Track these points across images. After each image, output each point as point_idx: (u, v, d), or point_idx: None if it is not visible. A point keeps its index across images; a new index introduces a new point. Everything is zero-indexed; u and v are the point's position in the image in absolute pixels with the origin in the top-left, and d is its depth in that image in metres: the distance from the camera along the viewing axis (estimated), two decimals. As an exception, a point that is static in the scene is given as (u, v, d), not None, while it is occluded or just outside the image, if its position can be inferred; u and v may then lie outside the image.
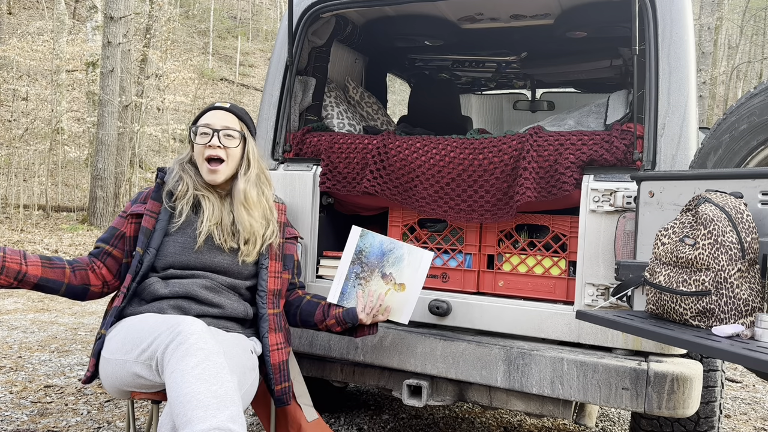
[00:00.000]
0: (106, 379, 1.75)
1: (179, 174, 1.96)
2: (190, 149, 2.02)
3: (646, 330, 1.42)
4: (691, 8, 2.16)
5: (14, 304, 5.86)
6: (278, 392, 1.90)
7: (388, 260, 2.01)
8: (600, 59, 3.39)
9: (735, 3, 22.61)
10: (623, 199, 2.00)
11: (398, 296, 2.00)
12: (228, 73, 24.80)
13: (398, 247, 2.02)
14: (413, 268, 2.00)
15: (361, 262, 2.03)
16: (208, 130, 1.92)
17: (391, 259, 2.01)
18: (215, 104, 2.02)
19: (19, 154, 13.69)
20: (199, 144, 1.93)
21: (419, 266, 2.00)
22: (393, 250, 2.02)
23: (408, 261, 2.00)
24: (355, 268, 2.02)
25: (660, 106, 2.07)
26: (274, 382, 1.89)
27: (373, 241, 2.03)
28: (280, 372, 1.90)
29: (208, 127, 1.93)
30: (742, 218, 1.39)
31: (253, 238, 1.93)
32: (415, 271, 2.00)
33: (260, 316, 1.94)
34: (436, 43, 3.22)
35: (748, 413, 3.61)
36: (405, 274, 2.00)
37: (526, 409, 2.12)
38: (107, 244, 1.94)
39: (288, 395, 1.92)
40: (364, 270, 2.02)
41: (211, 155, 1.91)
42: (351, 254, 2.03)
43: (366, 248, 2.03)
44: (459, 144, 2.28)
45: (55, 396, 3.28)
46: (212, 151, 1.91)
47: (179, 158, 2.03)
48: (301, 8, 2.59)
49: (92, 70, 14.51)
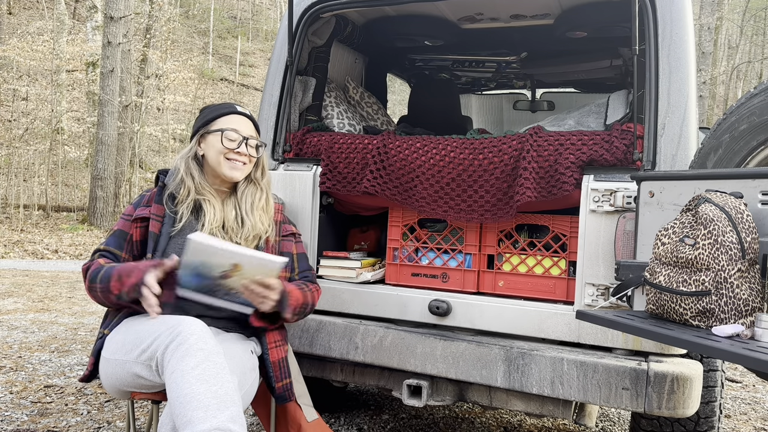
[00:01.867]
0: (107, 379, 1.75)
1: (182, 175, 1.93)
2: (195, 144, 1.97)
3: (646, 330, 1.42)
4: (691, 8, 2.16)
5: (14, 304, 5.86)
6: (279, 389, 1.89)
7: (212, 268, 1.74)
8: (600, 59, 3.39)
9: (735, 3, 22.61)
10: (623, 199, 2.00)
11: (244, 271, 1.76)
12: (228, 73, 24.81)
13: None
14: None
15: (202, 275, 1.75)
16: (236, 135, 1.93)
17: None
18: (235, 108, 2.00)
19: (19, 154, 13.70)
20: (227, 147, 1.92)
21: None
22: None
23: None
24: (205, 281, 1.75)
25: (660, 106, 2.07)
26: (274, 380, 1.88)
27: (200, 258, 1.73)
28: (281, 369, 1.90)
29: (237, 132, 1.93)
30: (742, 218, 1.39)
31: (254, 235, 1.95)
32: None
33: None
34: (436, 43, 3.22)
35: (748, 413, 3.61)
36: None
37: (526, 409, 2.12)
38: (121, 250, 1.89)
39: (290, 392, 1.92)
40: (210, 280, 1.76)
41: (235, 159, 1.93)
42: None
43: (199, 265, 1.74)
44: (459, 144, 2.28)
45: (55, 396, 3.28)
46: (238, 158, 1.93)
47: (184, 154, 1.98)
48: (301, 8, 2.59)
49: (92, 70, 14.52)
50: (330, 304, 2.41)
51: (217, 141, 1.93)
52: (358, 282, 2.41)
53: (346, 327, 2.27)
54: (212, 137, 1.94)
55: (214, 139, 1.94)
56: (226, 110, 1.99)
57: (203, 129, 1.97)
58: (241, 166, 1.94)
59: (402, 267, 2.46)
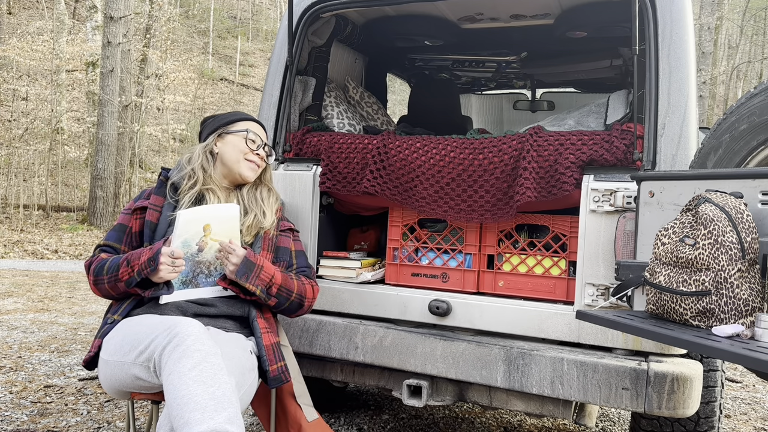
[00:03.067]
0: (106, 380, 1.75)
1: (195, 166, 2.01)
2: (212, 142, 2.06)
3: (646, 330, 1.41)
4: (691, 8, 2.16)
5: (14, 304, 5.86)
6: (274, 371, 1.84)
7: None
8: (600, 59, 3.39)
9: (735, 3, 22.61)
10: (623, 199, 2.00)
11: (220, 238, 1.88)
12: (228, 73, 24.81)
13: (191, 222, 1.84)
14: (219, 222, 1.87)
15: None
16: (258, 139, 2.10)
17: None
18: (251, 116, 2.18)
19: (19, 154, 13.70)
20: (249, 148, 2.06)
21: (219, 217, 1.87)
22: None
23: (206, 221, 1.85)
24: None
25: (660, 106, 2.07)
26: (268, 363, 1.83)
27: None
28: (274, 352, 1.87)
29: (258, 137, 2.10)
30: (742, 218, 1.38)
31: (255, 225, 2.03)
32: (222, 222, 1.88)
33: (249, 302, 1.94)
34: (436, 43, 3.22)
35: (748, 413, 3.60)
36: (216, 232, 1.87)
37: (526, 409, 2.12)
38: (121, 243, 1.96)
39: (285, 374, 1.87)
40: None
41: (254, 161, 2.08)
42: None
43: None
44: (459, 144, 2.28)
45: (55, 396, 3.28)
46: (258, 159, 2.08)
47: (202, 146, 2.07)
48: (301, 8, 2.59)
49: (92, 70, 14.52)
50: (330, 304, 2.41)
51: (240, 141, 2.06)
52: (358, 282, 2.41)
53: (346, 327, 2.27)
54: (234, 137, 2.07)
55: (236, 139, 2.06)
56: (245, 116, 2.16)
57: (222, 129, 2.09)
58: (256, 168, 2.09)
59: (402, 267, 2.46)
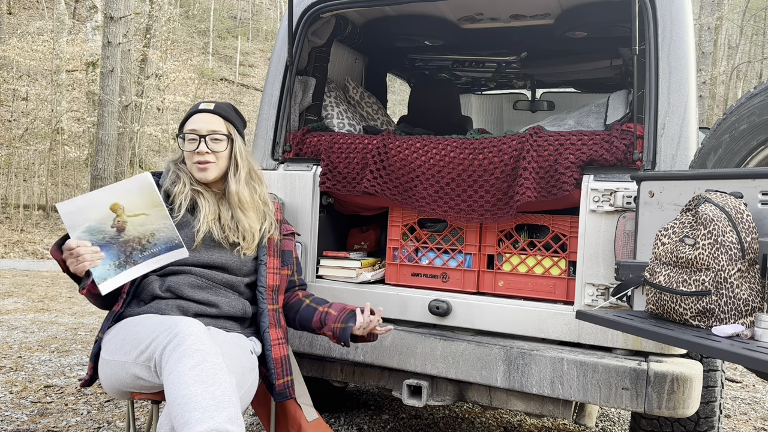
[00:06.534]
0: (106, 380, 1.75)
1: (176, 173, 1.97)
2: (181, 151, 2.02)
3: (646, 330, 1.42)
4: (691, 8, 2.16)
5: (14, 304, 5.86)
6: (280, 386, 1.89)
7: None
8: (600, 59, 3.39)
9: (735, 3, 22.60)
10: (623, 199, 2.00)
11: (144, 218, 1.74)
12: (228, 73, 24.79)
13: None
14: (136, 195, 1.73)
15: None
16: (194, 136, 1.93)
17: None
18: (199, 106, 1.99)
19: (19, 154, 13.70)
20: (188, 151, 1.94)
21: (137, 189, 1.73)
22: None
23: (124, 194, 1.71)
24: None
25: (660, 106, 2.07)
26: (275, 377, 1.88)
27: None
28: (282, 366, 1.90)
29: (195, 133, 1.93)
30: (742, 218, 1.38)
31: (250, 235, 1.94)
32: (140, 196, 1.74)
33: (260, 311, 1.94)
34: (436, 43, 3.22)
35: (748, 413, 3.60)
36: (134, 205, 1.73)
37: (526, 409, 2.12)
38: None
39: (290, 389, 1.92)
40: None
41: (199, 161, 1.92)
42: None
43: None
44: (459, 144, 2.28)
45: (55, 396, 3.28)
46: (201, 158, 1.92)
47: (173, 158, 2.04)
48: (301, 8, 2.59)
49: (92, 70, 14.50)
50: (330, 304, 2.41)
51: (186, 144, 1.95)
52: (358, 282, 2.41)
53: (346, 327, 2.26)
54: (180, 142, 1.97)
55: (181, 143, 1.96)
56: (191, 111, 1.99)
57: (180, 132, 1.99)
58: (208, 165, 1.93)
59: (402, 267, 2.46)
